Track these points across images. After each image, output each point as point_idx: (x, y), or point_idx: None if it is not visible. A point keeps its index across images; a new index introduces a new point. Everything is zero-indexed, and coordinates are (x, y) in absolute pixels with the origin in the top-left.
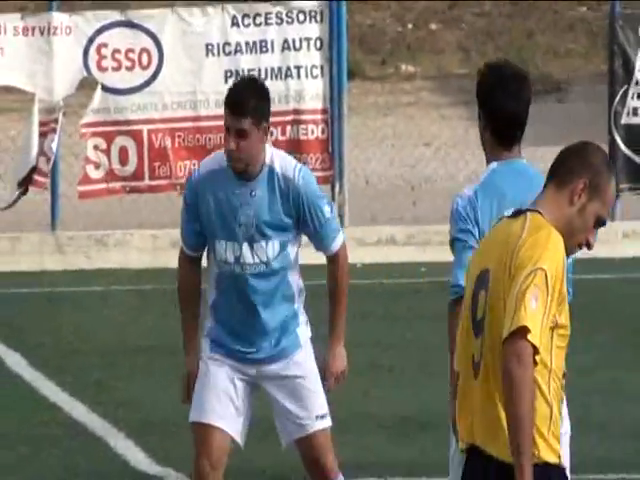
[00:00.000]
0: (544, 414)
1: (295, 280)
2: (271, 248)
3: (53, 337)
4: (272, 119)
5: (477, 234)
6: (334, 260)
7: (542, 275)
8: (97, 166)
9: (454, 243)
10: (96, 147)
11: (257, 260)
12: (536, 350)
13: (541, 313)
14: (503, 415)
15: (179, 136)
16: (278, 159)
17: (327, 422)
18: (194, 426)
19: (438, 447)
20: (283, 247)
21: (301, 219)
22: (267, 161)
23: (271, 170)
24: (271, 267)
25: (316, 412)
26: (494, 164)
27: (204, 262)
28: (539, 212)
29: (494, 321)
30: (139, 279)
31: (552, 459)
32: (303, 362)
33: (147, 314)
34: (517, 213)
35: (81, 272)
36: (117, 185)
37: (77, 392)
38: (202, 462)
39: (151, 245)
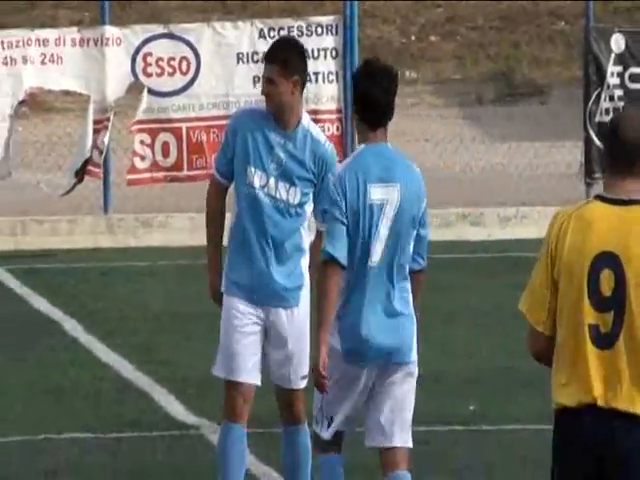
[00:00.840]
0: None
1: (306, 242)
2: (292, 193)
3: (105, 305)
4: None
5: (344, 206)
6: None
7: None
8: (143, 158)
9: (324, 214)
10: (142, 142)
11: (279, 196)
12: None
13: None
14: (630, 381)
15: (214, 132)
16: (313, 126)
17: (305, 383)
18: (225, 380)
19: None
20: (303, 198)
21: (317, 181)
22: (304, 122)
23: (306, 130)
24: (288, 208)
25: (302, 373)
26: (362, 146)
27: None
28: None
29: (637, 302)
30: (179, 255)
31: None
32: (300, 321)
33: (186, 285)
34: (625, 202)
35: (129, 249)
36: (160, 175)
37: (125, 353)
38: (236, 399)
39: (189, 226)
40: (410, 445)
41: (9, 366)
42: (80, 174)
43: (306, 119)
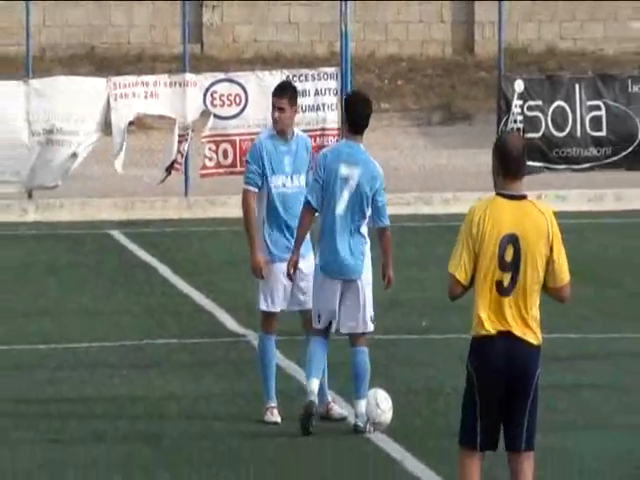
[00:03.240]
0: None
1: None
2: (303, 179)
3: (186, 256)
4: (308, 134)
5: (322, 174)
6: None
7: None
8: (210, 159)
9: (314, 181)
10: (210, 149)
11: (295, 184)
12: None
13: None
14: (529, 317)
15: None
16: (301, 133)
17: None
18: (264, 311)
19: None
20: (306, 179)
21: (310, 160)
22: (295, 132)
23: (298, 136)
24: (302, 191)
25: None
26: (343, 140)
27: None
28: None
29: (529, 269)
30: (235, 225)
31: None
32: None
33: (237, 244)
34: (517, 197)
35: (201, 220)
36: (221, 170)
37: (198, 286)
38: (271, 320)
39: (240, 204)
40: (370, 329)
41: (120, 293)
42: (169, 170)
43: (296, 130)
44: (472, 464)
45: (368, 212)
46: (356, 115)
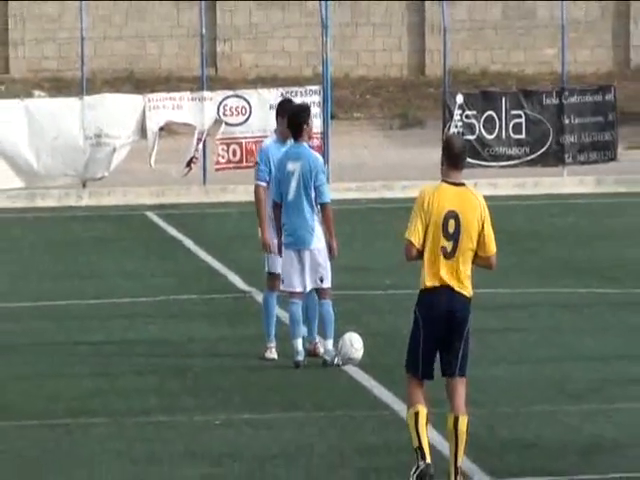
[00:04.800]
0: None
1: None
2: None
3: (206, 231)
4: None
5: (269, 171)
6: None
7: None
8: (222, 157)
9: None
10: (222, 149)
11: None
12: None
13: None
14: (464, 277)
15: (258, 145)
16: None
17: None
18: (271, 272)
19: None
20: None
21: None
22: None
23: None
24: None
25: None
26: (292, 141)
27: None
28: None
29: (465, 238)
30: (242, 207)
31: None
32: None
33: (245, 222)
34: (456, 184)
35: (216, 203)
36: (231, 165)
37: (214, 255)
38: (274, 280)
39: (247, 191)
40: (327, 285)
41: (153, 260)
42: (189, 164)
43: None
44: (417, 387)
45: (312, 194)
46: (291, 120)
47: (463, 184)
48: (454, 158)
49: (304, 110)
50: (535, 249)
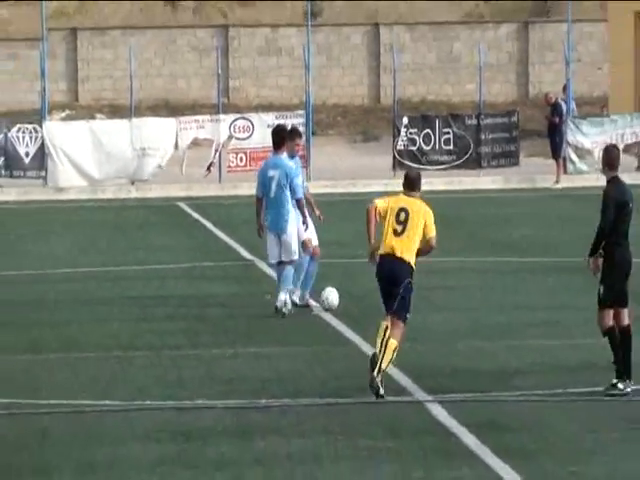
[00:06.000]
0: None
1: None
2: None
3: (224, 218)
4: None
5: (260, 178)
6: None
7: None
8: (233, 163)
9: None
10: (232, 157)
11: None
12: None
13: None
14: (407, 249)
15: (258, 155)
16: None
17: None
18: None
19: None
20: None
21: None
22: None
23: (295, 157)
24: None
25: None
26: (273, 154)
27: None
28: (417, 196)
29: (412, 226)
30: (247, 199)
31: None
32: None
33: (251, 211)
34: (410, 195)
35: (229, 196)
36: (239, 169)
37: (227, 233)
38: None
39: (252, 186)
40: (295, 258)
41: (182, 237)
42: (208, 168)
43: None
44: (383, 320)
45: (288, 193)
46: (275, 136)
47: (414, 196)
48: (409, 185)
49: (284, 130)
50: (461, 229)
